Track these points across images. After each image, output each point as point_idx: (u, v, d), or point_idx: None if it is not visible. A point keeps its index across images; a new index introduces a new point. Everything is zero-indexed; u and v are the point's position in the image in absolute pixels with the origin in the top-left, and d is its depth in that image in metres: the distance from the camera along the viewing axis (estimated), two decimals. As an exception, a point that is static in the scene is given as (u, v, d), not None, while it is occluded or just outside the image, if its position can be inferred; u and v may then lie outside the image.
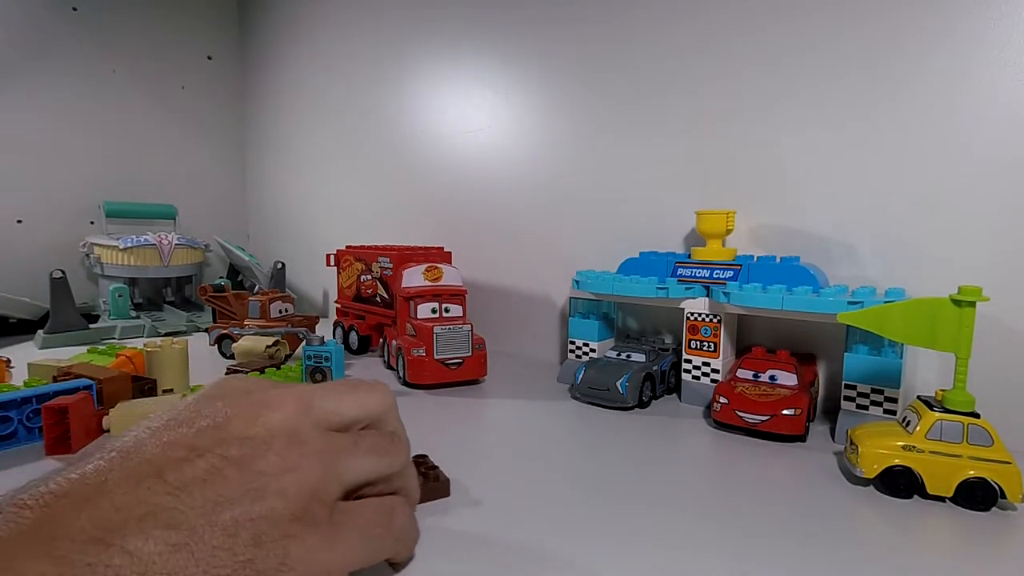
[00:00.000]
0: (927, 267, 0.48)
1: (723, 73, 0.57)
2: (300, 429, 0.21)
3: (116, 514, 0.17)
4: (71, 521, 0.16)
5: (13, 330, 0.85)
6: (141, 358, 0.57)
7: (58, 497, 0.17)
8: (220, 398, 0.22)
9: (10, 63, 0.93)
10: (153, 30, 1.08)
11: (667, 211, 0.62)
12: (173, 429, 0.20)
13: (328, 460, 0.21)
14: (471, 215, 0.80)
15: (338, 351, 0.57)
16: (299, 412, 0.22)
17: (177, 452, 0.19)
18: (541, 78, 0.72)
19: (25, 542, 0.16)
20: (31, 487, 0.18)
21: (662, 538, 0.31)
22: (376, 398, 0.25)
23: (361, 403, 0.24)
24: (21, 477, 0.19)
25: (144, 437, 0.20)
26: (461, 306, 0.62)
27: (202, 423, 0.20)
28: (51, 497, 0.17)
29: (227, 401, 0.22)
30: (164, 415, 0.21)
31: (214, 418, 0.21)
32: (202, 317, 0.91)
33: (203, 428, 0.20)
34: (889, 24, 0.48)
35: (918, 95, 0.47)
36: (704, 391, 0.52)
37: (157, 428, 0.20)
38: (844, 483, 0.37)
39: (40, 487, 0.18)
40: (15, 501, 0.17)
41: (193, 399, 0.23)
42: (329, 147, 1.04)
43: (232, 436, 0.20)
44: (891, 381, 0.43)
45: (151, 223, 1.03)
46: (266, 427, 0.21)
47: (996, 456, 0.33)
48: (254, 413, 0.21)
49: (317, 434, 0.22)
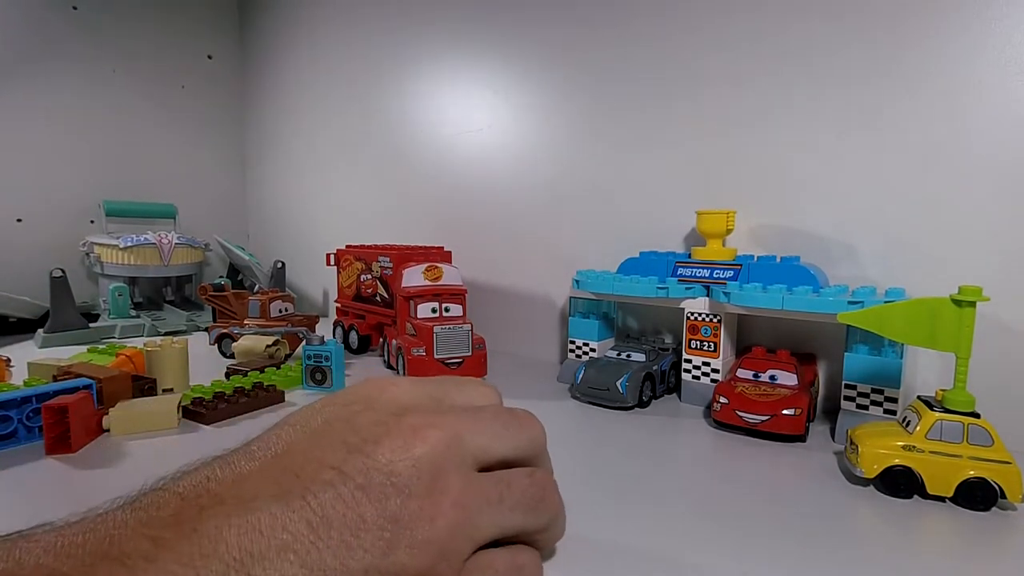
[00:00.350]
0: (927, 267, 0.48)
1: (723, 73, 0.57)
2: (445, 470, 0.20)
3: (260, 537, 0.16)
4: (222, 534, 0.16)
5: (13, 329, 0.84)
6: (141, 357, 0.57)
7: (215, 502, 0.17)
8: (372, 408, 0.21)
9: (10, 62, 0.93)
10: (153, 30, 1.08)
11: (667, 211, 0.62)
12: (326, 437, 0.20)
13: (467, 515, 0.19)
14: (471, 215, 0.80)
15: (338, 351, 0.57)
16: (447, 447, 0.20)
17: (325, 473, 0.18)
18: (541, 78, 0.72)
19: (178, 545, 0.16)
20: (193, 473, 0.18)
21: (662, 538, 0.31)
22: (531, 434, 0.23)
23: (516, 442, 0.22)
24: (21, 477, 0.19)
25: (297, 440, 0.20)
26: (461, 306, 0.62)
27: (353, 439, 0.19)
28: (208, 500, 0.17)
29: (379, 415, 0.20)
30: (321, 412, 0.21)
31: (365, 436, 0.19)
32: (202, 316, 0.91)
33: (354, 447, 0.19)
34: (889, 24, 0.48)
35: (918, 95, 0.47)
36: (704, 391, 0.52)
37: (314, 430, 0.20)
38: (844, 483, 0.37)
39: (201, 477, 0.18)
40: (178, 490, 0.18)
41: (346, 398, 0.22)
42: (329, 146, 1.04)
43: (378, 466, 0.19)
44: (891, 381, 0.43)
45: (151, 222, 1.03)
46: (412, 462, 0.19)
47: (996, 456, 0.33)
48: (404, 442, 0.19)
49: (460, 478, 0.20)
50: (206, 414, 0.47)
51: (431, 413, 0.21)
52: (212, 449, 0.20)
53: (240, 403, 0.49)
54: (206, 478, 0.18)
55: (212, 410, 0.48)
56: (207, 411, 0.47)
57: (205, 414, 0.47)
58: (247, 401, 0.50)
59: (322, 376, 0.56)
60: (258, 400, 0.51)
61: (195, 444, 0.43)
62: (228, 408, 0.49)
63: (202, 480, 0.18)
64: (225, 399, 0.50)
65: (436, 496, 0.19)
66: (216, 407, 0.48)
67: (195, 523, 0.16)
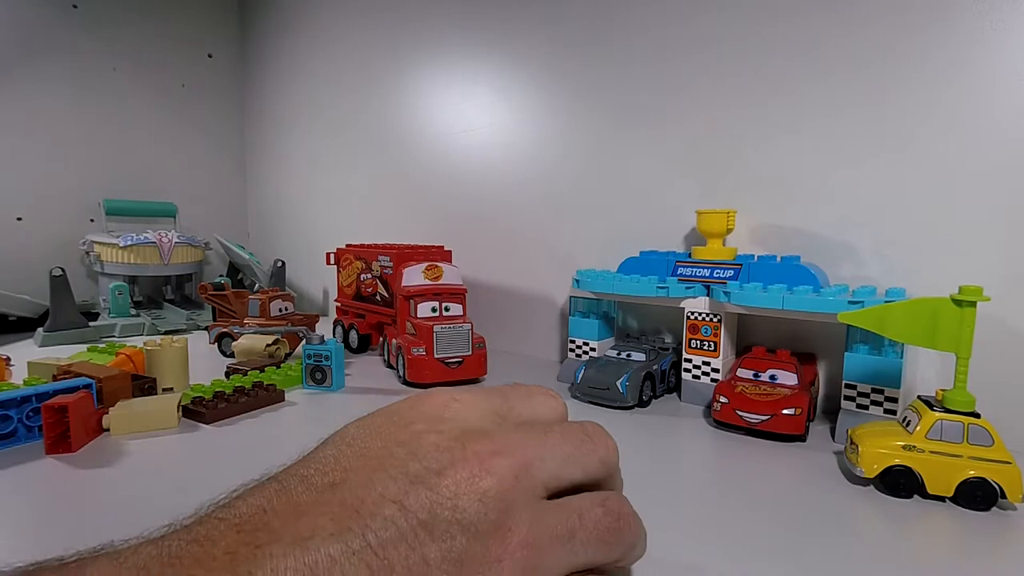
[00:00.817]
0: (927, 267, 0.48)
1: (724, 73, 0.57)
2: (513, 504, 0.18)
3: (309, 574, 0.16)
4: (275, 564, 0.15)
5: (13, 328, 0.84)
6: (141, 356, 0.57)
7: (271, 539, 0.16)
8: (434, 428, 0.20)
9: (10, 61, 0.93)
10: (153, 28, 1.08)
11: (667, 210, 0.62)
12: (386, 464, 0.18)
13: (535, 556, 0.18)
14: (471, 214, 0.80)
15: (338, 350, 0.57)
16: (515, 478, 0.18)
17: (386, 509, 0.17)
18: (541, 77, 0.72)
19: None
20: (249, 499, 0.17)
21: (662, 538, 0.30)
22: (603, 455, 0.22)
23: (587, 464, 0.21)
24: (21, 477, 0.18)
25: (356, 467, 0.18)
26: (461, 305, 0.62)
27: (415, 466, 0.18)
28: (265, 536, 0.16)
29: (442, 438, 0.19)
30: (380, 433, 0.19)
31: (428, 464, 0.18)
32: (202, 315, 0.91)
33: (416, 477, 0.18)
34: (890, 24, 0.48)
35: (918, 95, 0.47)
36: (704, 390, 0.52)
37: (373, 455, 0.19)
38: (844, 483, 0.37)
39: (257, 507, 0.17)
40: (234, 521, 0.17)
41: (407, 416, 0.20)
42: (329, 145, 1.04)
43: (442, 500, 0.17)
44: (891, 381, 0.43)
45: (151, 221, 1.03)
46: (479, 496, 0.18)
47: (996, 456, 0.33)
48: (470, 474, 0.18)
49: (528, 513, 0.18)
50: (206, 413, 0.47)
51: (497, 436, 0.20)
52: (212, 450, 0.20)
53: (240, 403, 0.49)
54: (262, 509, 0.17)
55: (212, 409, 0.48)
56: (207, 410, 0.47)
57: (205, 413, 0.47)
58: (247, 400, 0.50)
59: (322, 375, 0.56)
60: (258, 399, 0.51)
61: (195, 444, 0.43)
62: (228, 408, 0.49)
63: (258, 511, 0.17)
64: (225, 398, 0.50)
65: (503, 535, 0.18)
66: (216, 406, 0.48)
67: (250, 565, 0.15)
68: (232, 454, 0.42)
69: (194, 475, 0.38)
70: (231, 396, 0.50)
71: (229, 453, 0.42)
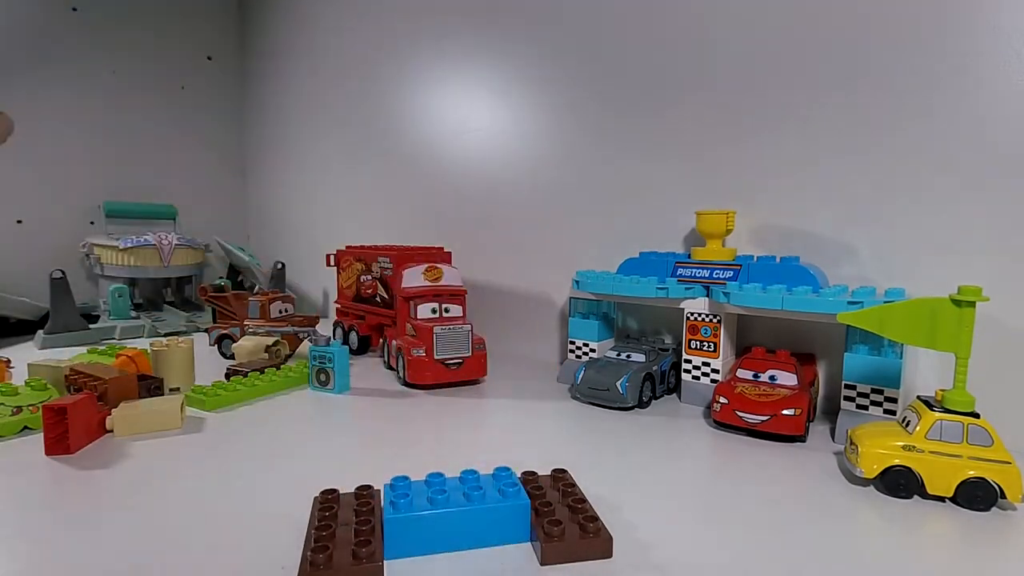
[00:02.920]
0: (927, 267, 0.48)
1: (724, 73, 0.57)
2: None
3: None
4: None
5: (13, 330, 0.84)
6: (143, 358, 0.57)
7: None
8: None
9: (10, 63, 0.93)
10: (153, 31, 1.08)
11: (667, 211, 0.62)
12: None
13: None
14: (471, 215, 0.80)
15: (342, 352, 0.56)
16: None
17: None
18: (541, 78, 0.72)
19: None
20: None
21: (661, 537, 0.31)
22: None
23: None
24: (21, 477, 0.19)
25: None
26: (461, 306, 0.62)
27: None
28: None
29: None
30: None
31: None
32: (202, 317, 0.92)
33: None
34: (889, 24, 0.48)
35: (918, 95, 0.47)
36: (704, 391, 0.52)
37: None
38: (844, 483, 0.37)
39: None
40: None
41: None
42: (329, 147, 1.04)
43: None
44: (891, 381, 0.43)
45: (151, 223, 1.03)
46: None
47: (996, 456, 0.33)
48: None
49: None
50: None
51: None
52: (212, 450, 0.20)
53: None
54: None
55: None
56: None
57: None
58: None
59: (326, 378, 0.56)
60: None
61: (197, 445, 0.43)
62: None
63: None
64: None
65: None
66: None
67: None
68: (232, 453, 0.42)
69: (194, 475, 0.38)
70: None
71: (229, 453, 0.42)
